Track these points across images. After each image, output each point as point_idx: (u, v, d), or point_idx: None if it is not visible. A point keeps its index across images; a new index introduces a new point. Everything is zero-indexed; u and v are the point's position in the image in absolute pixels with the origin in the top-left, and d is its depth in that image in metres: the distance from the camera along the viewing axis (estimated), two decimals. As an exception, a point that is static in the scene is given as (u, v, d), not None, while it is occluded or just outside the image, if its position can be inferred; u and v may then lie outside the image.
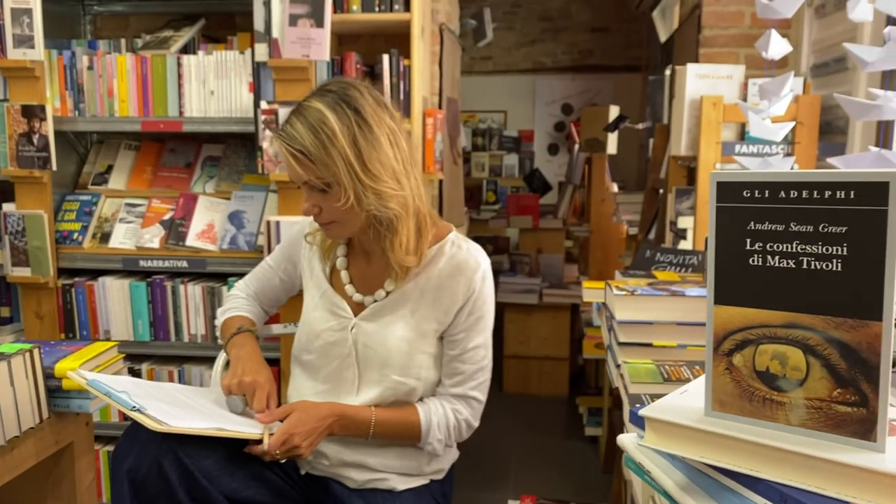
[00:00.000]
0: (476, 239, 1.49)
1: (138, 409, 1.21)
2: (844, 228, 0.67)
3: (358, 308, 1.45)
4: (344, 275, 1.47)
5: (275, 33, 2.32)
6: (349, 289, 1.45)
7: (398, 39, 2.47)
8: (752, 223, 0.72)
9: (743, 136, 2.29)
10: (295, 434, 1.28)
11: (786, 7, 1.54)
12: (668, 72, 3.02)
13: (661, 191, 2.90)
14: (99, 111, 2.48)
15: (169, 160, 2.70)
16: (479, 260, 1.41)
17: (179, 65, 2.46)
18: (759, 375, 0.73)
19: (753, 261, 0.72)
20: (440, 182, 3.03)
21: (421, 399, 1.44)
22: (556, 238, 4.71)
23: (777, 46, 1.60)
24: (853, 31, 2.10)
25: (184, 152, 2.72)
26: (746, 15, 2.69)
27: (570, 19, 6.58)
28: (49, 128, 2.36)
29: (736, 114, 2.24)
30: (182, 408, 1.32)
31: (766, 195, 0.70)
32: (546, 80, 6.69)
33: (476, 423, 1.46)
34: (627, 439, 0.87)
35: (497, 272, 5.05)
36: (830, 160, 1.33)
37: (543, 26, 6.64)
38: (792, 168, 2.12)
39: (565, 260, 4.82)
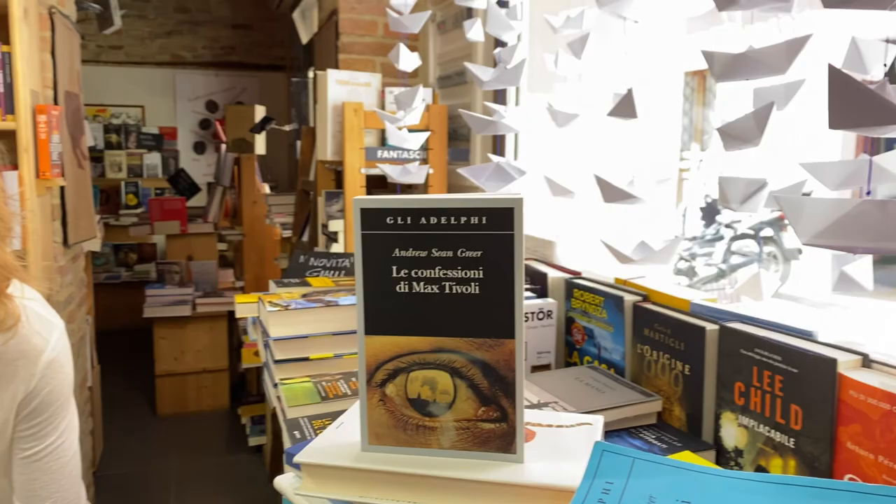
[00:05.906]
0: (117, 248, 1.22)
1: None
2: (479, 252, 0.69)
3: None
4: None
5: None
6: None
7: (-5, 21, 2.06)
8: (397, 250, 0.70)
9: (384, 141, 2.38)
10: None
11: (413, 23, 1.62)
12: (311, 74, 3.03)
13: (312, 193, 2.90)
14: None
15: None
16: (45, 337, 1.11)
17: None
18: (412, 403, 0.72)
19: (400, 288, 0.71)
20: (62, 189, 2.63)
21: None
22: (207, 243, 4.48)
23: (407, 59, 1.67)
24: (469, 48, 2.31)
25: None
26: (380, 25, 2.80)
27: (209, 13, 6.28)
28: None
29: (376, 120, 2.32)
30: None
31: (409, 222, 0.69)
32: (187, 75, 6.29)
33: None
34: (286, 483, 0.80)
35: (143, 283, 4.64)
36: (460, 171, 1.42)
37: (180, 18, 6.23)
38: (427, 174, 2.26)
39: (220, 265, 4.62)
